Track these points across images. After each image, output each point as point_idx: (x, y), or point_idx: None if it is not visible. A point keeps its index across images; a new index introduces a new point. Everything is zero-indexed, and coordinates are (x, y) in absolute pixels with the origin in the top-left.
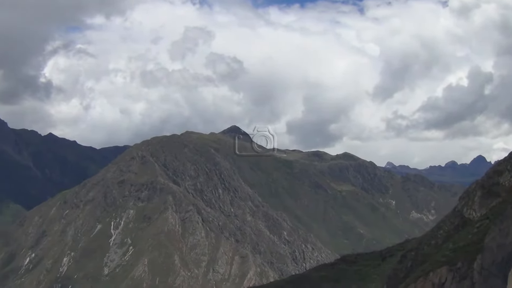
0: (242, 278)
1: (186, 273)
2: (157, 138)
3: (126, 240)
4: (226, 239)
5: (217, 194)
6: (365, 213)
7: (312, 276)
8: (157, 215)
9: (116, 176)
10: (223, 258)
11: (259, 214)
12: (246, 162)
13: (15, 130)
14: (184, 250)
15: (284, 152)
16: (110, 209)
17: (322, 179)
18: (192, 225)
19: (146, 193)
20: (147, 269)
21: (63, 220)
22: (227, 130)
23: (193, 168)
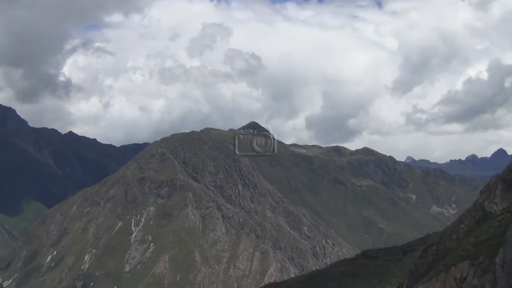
0: (263, 274)
1: (207, 270)
2: (176, 135)
3: (146, 237)
4: (247, 235)
5: (237, 190)
6: (385, 207)
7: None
8: (177, 212)
9: (136, 173)
10: (244, 254)
11: (279, 210)
12: (265, 158)
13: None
14: (204, 246)
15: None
16: (130, 206)
17: (341, 174)
18: (213, 221)
19: (166, 190)
20: (168, 266)
21: (84, 218)
22: (246, 126)
23: (213, 165)
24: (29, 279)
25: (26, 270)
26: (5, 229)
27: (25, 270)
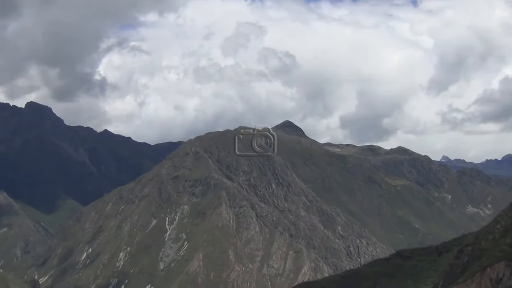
0: (297, 273)
1: (241, 268)
2: (210, 134)
3: (181, 235)
4: (280, 234)
5: (270, 189)
6: (420, 207)
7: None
8: (211, 211)
9: (170, 172)
10: (277, 253)
11: (313, 209)
12: (299, 157)
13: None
14: (238, 245)
15: (338, 147)
16: (165, 204)
17: (376, 173)
18: (246, 220)
19: (200, 189)
20: (202, 264)
21: (119, 216)
22: (280, 125)
23: (247, 164)
24: (64, 276)
25: (61, 267)
26: (41, 226)
27: (61, 267)
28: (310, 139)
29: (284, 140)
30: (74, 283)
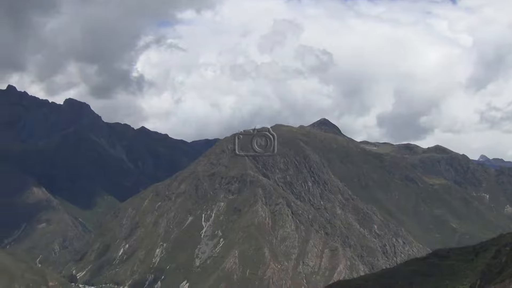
0: (332, 271)
1: (276, 266)
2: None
3: (217, 232)
4: (316, 232)
5: (306, 187)
6: (457, 207)
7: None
8: (247, 208)
9: (206, 169)
10: (313, 251)
11: (349, 207)
12: (335, 155)
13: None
14: (274, 242)
15: (375, 145)
16: (201, 201)
17: (413, 172)
18: (282, 217)
19: (236, 186)
20: (237, 261)
21: (156, 212)
22: (316, 123)
23: (283, 161)
24: (101, 271)
25: (98, 262)
26: (79, 222)
27: (98, 262)
28: (346, 137)
29: (321, 138)
30: (111, 278)
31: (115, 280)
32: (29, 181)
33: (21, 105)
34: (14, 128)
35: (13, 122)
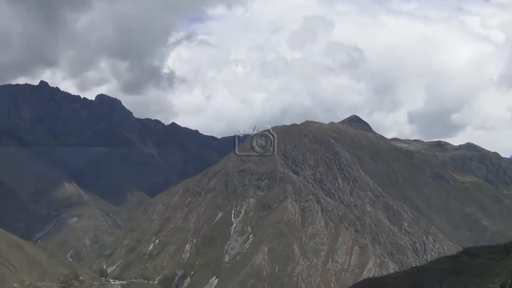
0: (362, 269)
1: (305, 262)
2: (277, 128)
3: (246, 228)
4: (346, 229)
5: (336, 184)
6: (489, 205)
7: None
8: (276, 204)
9: (236, 165)
10: (343, 248)
11: (379, 205)
12: (366, 152)
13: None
14: (303, 239)
15: (405, 142)
16: (231, 197)
17: (444, 169)
18: (312, 214)
19: (266, 182)
20: (266, 258)
21: (186, 208)
22: (347, 120)
23: (313, 158)
24: (131, 266)
25: (129, 257)
26: (110, 217)
27: (128, 258)
28: (377, 134)
29: (351, 134)
30: (141, 273)
31: (145, 275)
32: (61, 176)
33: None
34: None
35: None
